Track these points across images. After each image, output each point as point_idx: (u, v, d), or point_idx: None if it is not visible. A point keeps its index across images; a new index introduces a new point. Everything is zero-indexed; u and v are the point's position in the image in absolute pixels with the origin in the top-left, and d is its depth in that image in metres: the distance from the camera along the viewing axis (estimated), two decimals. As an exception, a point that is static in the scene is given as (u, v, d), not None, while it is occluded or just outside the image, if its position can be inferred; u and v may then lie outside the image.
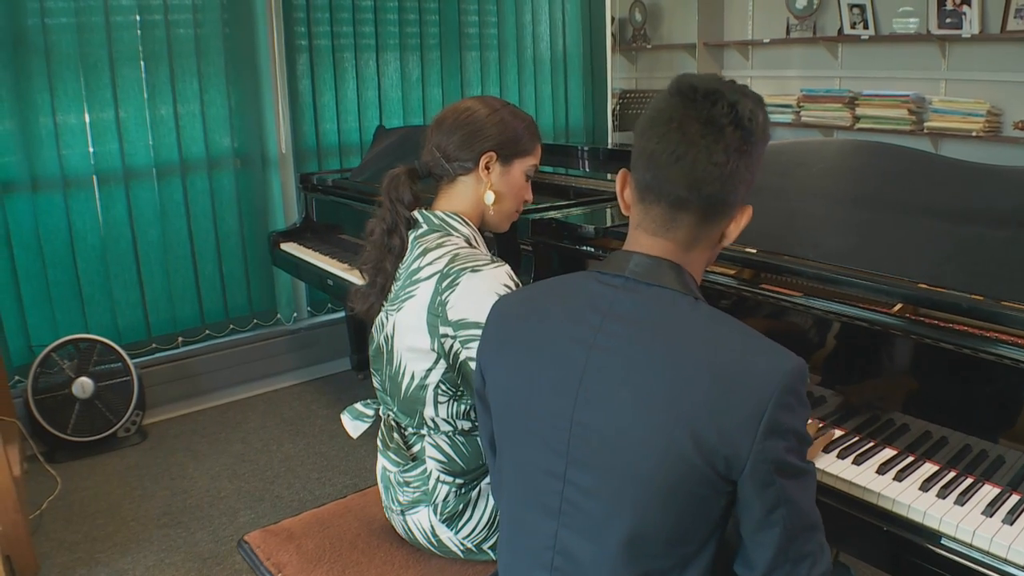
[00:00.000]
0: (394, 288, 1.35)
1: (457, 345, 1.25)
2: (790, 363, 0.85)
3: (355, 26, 3.47)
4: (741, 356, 0.86)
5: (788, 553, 0.88)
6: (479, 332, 1.20)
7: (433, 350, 1.27)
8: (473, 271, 1.24)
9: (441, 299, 1.25)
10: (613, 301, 0.93)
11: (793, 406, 0.85)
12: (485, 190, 1.39)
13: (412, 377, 1.31)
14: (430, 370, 1.28)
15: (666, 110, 0.92)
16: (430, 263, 1.29)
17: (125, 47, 2.94)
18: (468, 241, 1.35)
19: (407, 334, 1.29)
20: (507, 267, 1.27)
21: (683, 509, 0.88)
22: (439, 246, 1.31)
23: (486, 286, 1.22)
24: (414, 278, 1.30)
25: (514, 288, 1.24)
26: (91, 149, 2.92)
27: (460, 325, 1.24)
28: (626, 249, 0.97)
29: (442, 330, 1.25)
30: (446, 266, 1.26)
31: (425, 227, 1.36)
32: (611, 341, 0.91)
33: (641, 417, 0.87)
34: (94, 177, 2.95)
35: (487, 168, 1.38)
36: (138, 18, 2.95)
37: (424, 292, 1.27)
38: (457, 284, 1.24)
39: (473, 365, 1.25)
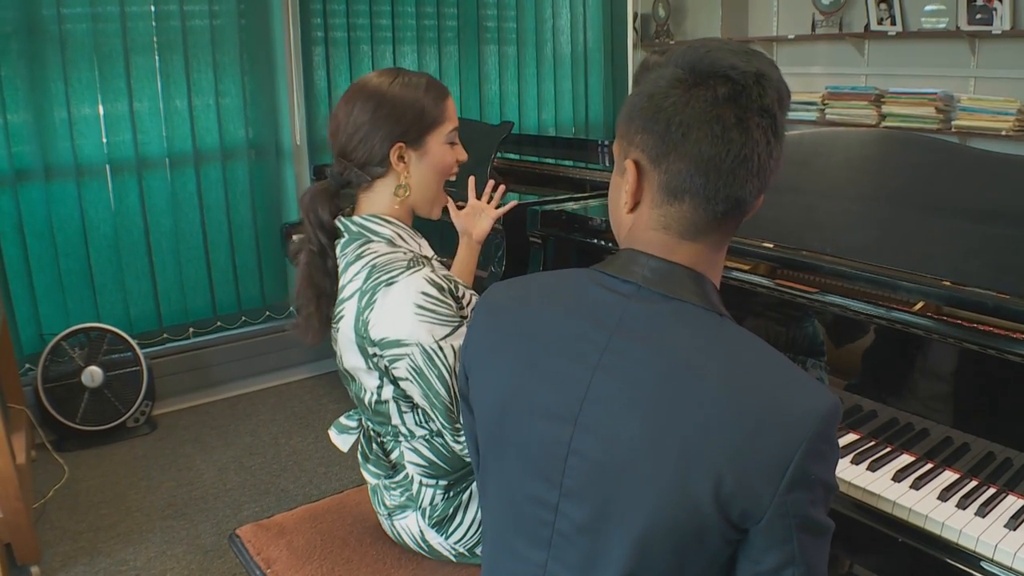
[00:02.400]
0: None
1: (386, 363, 1.20)
2: (825, 403, 0.74)
3: (372, 18, 3.45)
4: (770, 391, 0.75)
5: None
6: (402, 350, 1.16)
7: (370, 368, 1.22)
8: (388, 285, 1.16)
9: (363, 318, 1.18)
10: (623, 314, 0.81)
11: (825, 453, 0.75)
12: (404, 183, 1.24)
13: (371, 392, 1.26)
14: (380, 386, 1.24)
15: (713, 104, 0.77)
16: (351, 280, 1.21)
17: (140, 37, 2.93)
18: (391, 241, 1.24)
19: (346, 354, 1.25)
20: (425, 270, 1.17)
21: (685, 554, 0.78)
22: (358, 258, 1.22)
23: (402, 299, 1.15)
24: (341, 296, 1.23)
25: (435, 291, 1.16)
26: (104, 139, 2.92)
27: (384, 344, 1.18)
28: (632, 248, 0.84)
29: (370, 350, 1.20)
30: (364, 282, 1.19)
31: (346, 236, 1.25)
32: (619, 362, 0.79)
33: (648, 452, 0.76)
34: (107, 167, 2.95)
35: (402, 160, 1.24)
36: (153, 9, 2.94)
37: (350, 311, 1.21)
38: (374, 302, 1.17)
39: (405, 386, 1.20)
